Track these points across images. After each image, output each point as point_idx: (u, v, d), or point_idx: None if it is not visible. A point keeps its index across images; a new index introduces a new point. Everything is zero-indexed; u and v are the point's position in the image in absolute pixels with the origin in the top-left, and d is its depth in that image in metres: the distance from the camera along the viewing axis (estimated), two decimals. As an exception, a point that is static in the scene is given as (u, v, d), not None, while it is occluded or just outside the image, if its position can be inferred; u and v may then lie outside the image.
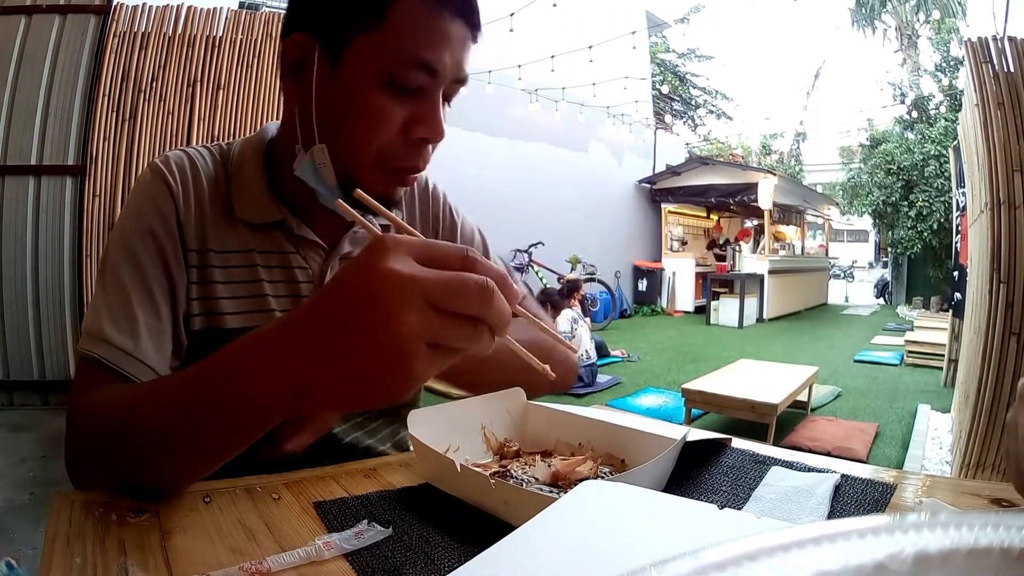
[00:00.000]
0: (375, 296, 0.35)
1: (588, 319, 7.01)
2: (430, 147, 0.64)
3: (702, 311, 9.79)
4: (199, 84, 3.53)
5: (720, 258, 10.77)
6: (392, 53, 0.57)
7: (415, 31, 0.57)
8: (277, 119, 0.74)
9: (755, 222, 11.62)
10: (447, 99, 0.64)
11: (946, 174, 10.07)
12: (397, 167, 0.63)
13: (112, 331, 0.60)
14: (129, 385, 0.58)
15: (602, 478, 0.52)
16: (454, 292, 0.36)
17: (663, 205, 11.41)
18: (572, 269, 8.31)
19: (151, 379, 0.60)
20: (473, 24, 0.61)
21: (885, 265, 15.01)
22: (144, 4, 3.54)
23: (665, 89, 15.85)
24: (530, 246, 7.80)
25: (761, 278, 9.55)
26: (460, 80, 0.63)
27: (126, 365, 0.59)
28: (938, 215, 11.04)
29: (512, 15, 6.27)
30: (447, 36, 0.59)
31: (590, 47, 7.32)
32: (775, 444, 1.97)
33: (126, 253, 0.64)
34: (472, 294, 0.36)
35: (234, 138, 0.77)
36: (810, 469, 0.58)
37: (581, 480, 0.51)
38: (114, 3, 3.47)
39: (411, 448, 0.59)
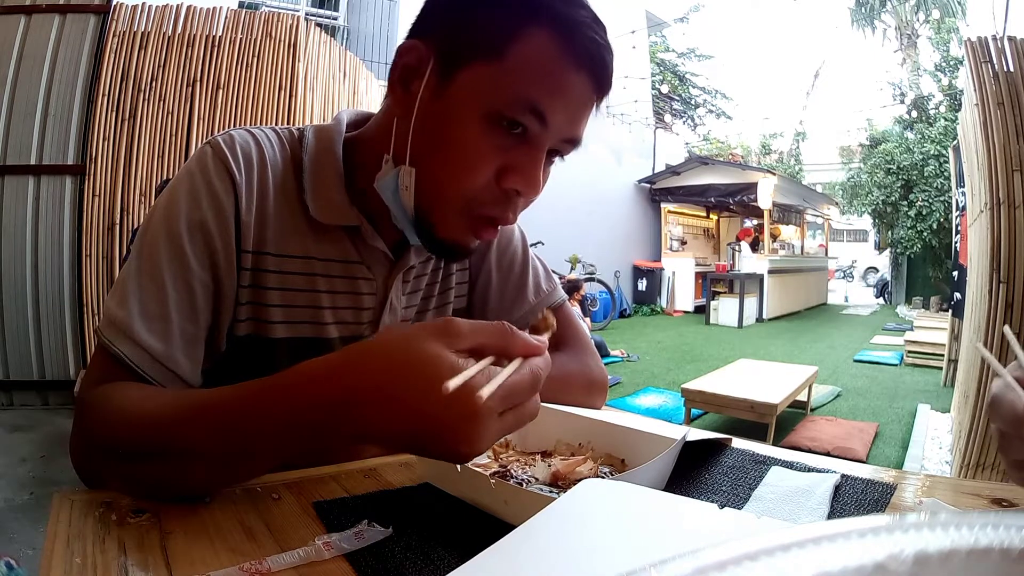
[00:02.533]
0: (465, 443, 0.40)
1: (588, 319, 7.02)
2: (521, 201, 0.59)
3: (702, 311, 9.80)
4: (199, 84, 3.53)
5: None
6: (503, 88, 0.53)
7: (534, 71, 0.53)
8: (278, 119, 0.71)
9: (755, 222, 11.63)
10: (554, 157, 0.59)
11: (946, 174, 10.08)
12: (481, 215, 0.58)
13: (142, 330, 0.55)
14: (158, 393, 0.54)
15: (602, 478, 0.52)
16: (514, 396, 0.41)
17: (663, 205, 11.42)
18: (572, 269, 8.31)
19: (186, 391, 0.56)
20: (599, 84, 0.57)
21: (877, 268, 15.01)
22: (144, 4, 3.54)
23: (665, 89, 15.85)
24: (529, 246, 7.79)
25: (761, 278, 9.55)
26: (573, 140, 0.58)
27: (150, 369, 0.55)
28: (938, 215, 11.05)
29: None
30: (567, 88, 0.54)
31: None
32: (775, 444, 1.97)
33: (171, 244, 0.58)
34: (526, 394, 0.41)
35: None
36: (810, 469, 0.58)
37: (581, 480, 0.51)
38: (114, 3, 3.47)
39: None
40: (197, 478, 0.49)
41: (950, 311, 4.85)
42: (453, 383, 0.36)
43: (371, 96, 4.76)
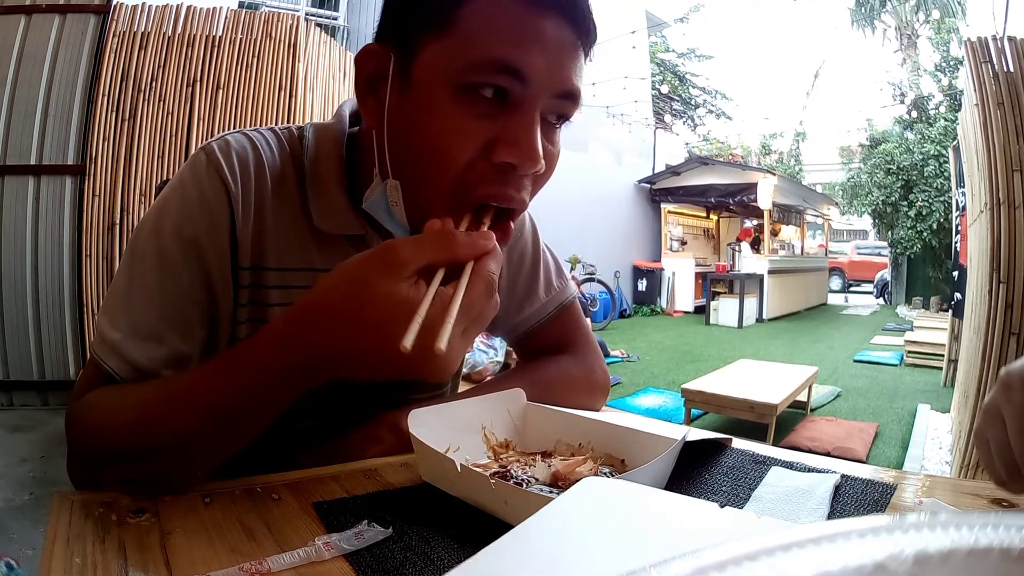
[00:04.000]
0: (435, 375, 0.43)
1: (588, 319, 7.01)
2: (525, 179, 0.52)
3: (702, 311, 9.80)
4: (199, 84, 3.53)
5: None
6: (463, 54, 0.48)
7: (493, 27, 0.48)
8: (278, 120, 0.68)
9: (755, 222, 11.63)
10: (559, 123, 0.54)
11: (946, 174, 10.08)
12: (479, 195, 0.51)
13: (133, 348, 0.54)
14: (136, 390, 0.53)
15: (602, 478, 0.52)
16: (471, 309, 0.42)
17: (663, 205, 11.42)
18: (571, 269, 8.31)
19: (162, 382, 0.54)
20: (578, 25, 0.50)
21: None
22: (144, 4, 3.54)
23: (665, 89, 15.84)
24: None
25: (760, 278, 9.55)
26: (568, 94, 0.51)
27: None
28: (938, 215, 11.05)
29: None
30: (538, 35, 0.48)
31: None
32: (775, 444, 1.97)
33: (162, 259, 0.55)
34: (483, 302, 0.43)
35: None
36: (810, 469, 0.58)
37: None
38: (114, 3, 3.47)
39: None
40: (194, 459, 0.50)
41: (950, 311, 4.85)
42: (409, 340, 0.37)
43: (371, 96, 4.75)
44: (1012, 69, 2.44)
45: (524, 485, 0.50)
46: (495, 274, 0.43)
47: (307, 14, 6.71)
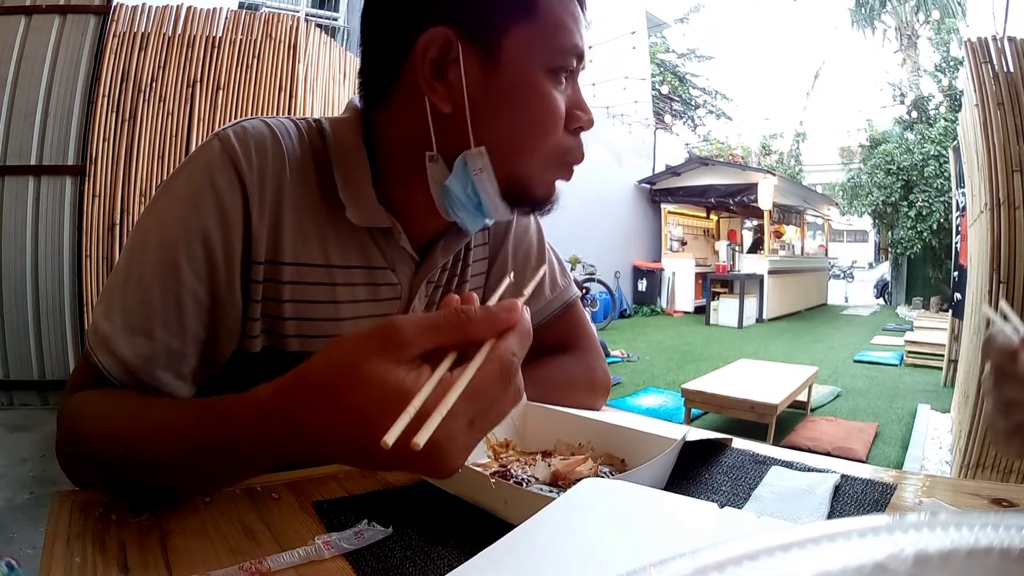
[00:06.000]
0: (430, 473, 0.41)
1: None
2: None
3: (702, 311, 9.80)
4: (199, 84, 3.53)
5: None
6: (551, 40, 0.56)
7: (564, 16, 0.56)
8: (278, 116, 0.66)
9: (755, 222, 11.62)
10: None
11: (946, 174, 10.08)
12: (563, 160, 0.60)
13: (124, 344, 0.52)
14: (124, 404, 0.51)
15: (602, 478, 0.52)
16: (480, 398, 0.36)
17: (663, 205, 11.42)
18: (572, 269, 8.32)
19: (151, 404, 0.51)
20: (585, 9, 0.60)
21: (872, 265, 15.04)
22: (144, 4, 3.54)
23: (665, 89, 15.85)
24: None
25: (761, 278, 9.55)
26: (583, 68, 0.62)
27: (130, 383, 0.53)
28: (938, 215, 11.05)
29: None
30: (580, 19, 0.58)
31: (589, 47, 7.32)
32: (775, 444, 1.97)
33: (162, 253, 0.53)
34: (496, 390, 0.36)
35: None
36: (810, 469, 0.58)
37: (581, 480, 0.51)
38: (114, 3, 3.47)
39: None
40: (169, 488, 0.48)
41: (950, 311, 4.85)
42: (391, 436, 0.31)
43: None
44: (1012, 69, 2.44)
45: (524, 484, 0.50)
46: (516, 355, 0.36)
47: (307, 15, 6.70)
